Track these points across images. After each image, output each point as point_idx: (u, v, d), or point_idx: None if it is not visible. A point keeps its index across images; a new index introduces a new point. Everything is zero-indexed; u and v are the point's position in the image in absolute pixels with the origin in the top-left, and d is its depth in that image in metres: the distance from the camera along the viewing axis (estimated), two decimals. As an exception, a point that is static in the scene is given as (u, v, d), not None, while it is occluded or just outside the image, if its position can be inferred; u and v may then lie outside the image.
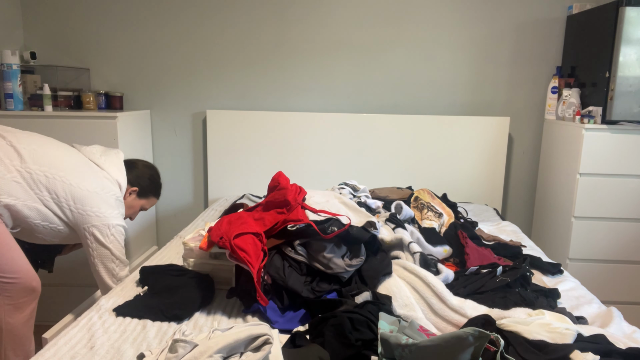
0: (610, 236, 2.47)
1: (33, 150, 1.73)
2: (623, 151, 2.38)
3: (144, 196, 2.06)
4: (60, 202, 1.74)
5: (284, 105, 2.94)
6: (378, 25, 2.84)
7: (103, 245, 1.81)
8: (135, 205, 2.04)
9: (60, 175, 1.73)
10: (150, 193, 2.08)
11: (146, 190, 2.05)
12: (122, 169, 1.93)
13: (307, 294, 1.40)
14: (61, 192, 1.73)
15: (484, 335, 0.93)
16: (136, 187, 2.00)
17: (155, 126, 2.98)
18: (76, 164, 1.81)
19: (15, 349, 1.67)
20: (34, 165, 1.70)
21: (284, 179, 1.73)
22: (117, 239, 1.85)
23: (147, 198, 2.08)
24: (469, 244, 1.71)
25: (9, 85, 2.51)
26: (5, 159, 1.67)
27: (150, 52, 2.90)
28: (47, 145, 1.79)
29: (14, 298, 1.65)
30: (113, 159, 1.94)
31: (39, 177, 1.70)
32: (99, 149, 1.96)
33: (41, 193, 1.71)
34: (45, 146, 1.77)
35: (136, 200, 2.03)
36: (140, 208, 2.08)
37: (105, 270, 1.85)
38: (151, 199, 2.10)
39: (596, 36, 2.44)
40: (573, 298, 1.55)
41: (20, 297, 1.66)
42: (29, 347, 1.72)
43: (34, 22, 2.87)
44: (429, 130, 2.83)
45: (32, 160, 1.70)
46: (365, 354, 1.11)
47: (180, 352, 1.01)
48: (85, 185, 1.78)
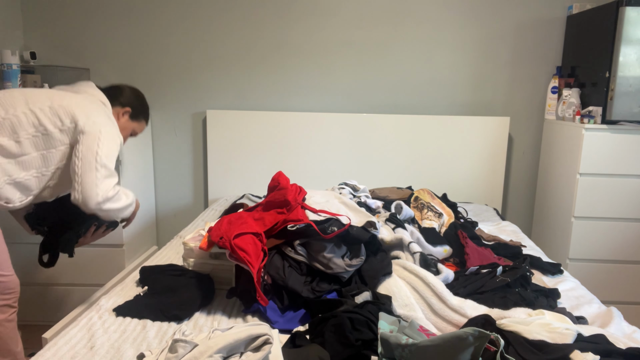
0: (610, 236, 2.47)
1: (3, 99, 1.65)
2: (623, 151, 2.38)
3: (136, 118, 1.97)
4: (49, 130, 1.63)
5: (284, 105, 2.94)
6: (378, 25, 2.84)
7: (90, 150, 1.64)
8: (127, 127, 1.95)
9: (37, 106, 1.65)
10: (141, 115, 1.99)
11: (138, 112, 1.96)
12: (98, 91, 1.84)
13: (307, 294, 1.40)
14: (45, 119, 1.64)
15: (484, 335, 0.93)
16: (128, 108, 1.92)
17: (155, 126, 2.98)
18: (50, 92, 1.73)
19: (2, 351, 1.66)
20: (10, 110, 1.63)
21: (284, 179, 1.73)
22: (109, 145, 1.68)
23: (139, 121, 1.99)
24: (469, 244, 1.71)
25: (9, 85, 2.51)
26: None
27: (150, 52, 2.90)
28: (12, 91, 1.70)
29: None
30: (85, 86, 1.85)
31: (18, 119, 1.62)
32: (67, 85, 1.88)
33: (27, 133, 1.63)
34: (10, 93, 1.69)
35: (129, 122, 1.94)
36: (132, 132, 2.00)
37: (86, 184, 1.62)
38: (142, 122, 2.01)
39: (596, 36, 2.44)
40: (573, 298, 1.55)
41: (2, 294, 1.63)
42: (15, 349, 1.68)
43: (34, 22, 2.87)
44: (429, 130, 2.83)
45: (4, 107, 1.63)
46: (365, 354, 1.11)
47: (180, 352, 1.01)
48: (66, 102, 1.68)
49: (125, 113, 1.93)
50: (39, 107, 1.66)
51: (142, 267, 1.62)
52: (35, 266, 2.57)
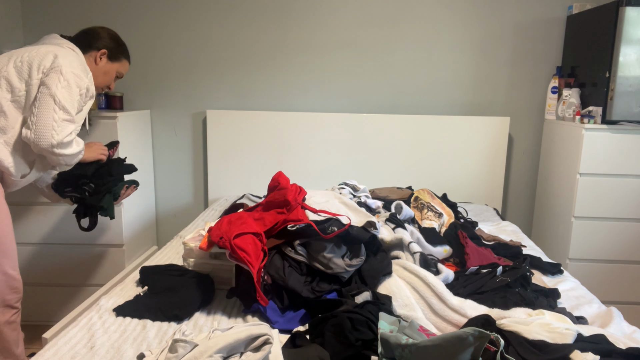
0: (610, 236, 2.47)
1: None
2: (623, 151, 2.38)
3: (115, 59, 1.93)
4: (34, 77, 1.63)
5: (284, 105, 2.94)
6: (378, 26, 2.84)
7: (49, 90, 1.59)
8: (109, 70, 1.93)
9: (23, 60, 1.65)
10: (120, 54, 1.95)
11: (114, 52, 1.93)
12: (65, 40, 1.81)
13: (307, 294, 1.40)
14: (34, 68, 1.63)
15: (484, 335, 0.93)
16: (104, 50, 1.89)
17: (155, 126, 2.98)
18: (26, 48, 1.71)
19: (3, 352, 1.66)
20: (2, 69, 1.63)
21: (284, 179, 1.73)
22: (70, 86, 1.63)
23: (119, 61, 1.96)
24: (469, 244, 1.71)
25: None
26: None
27: (150, 52, 2.90)
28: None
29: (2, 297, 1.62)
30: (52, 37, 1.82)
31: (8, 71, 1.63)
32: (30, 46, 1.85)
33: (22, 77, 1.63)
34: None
35: (109, 64, 1.92)
36: (116, 74, 1.97)
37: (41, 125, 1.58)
38: (123, 62, 1.98)
39: (596, 36, 2.44)
40: (573, 298, 1.55)
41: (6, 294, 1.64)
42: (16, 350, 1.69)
43: (34, 22, 2.87)
44: (429, 130, 2.83)
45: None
46: (365, 354, 1.11)
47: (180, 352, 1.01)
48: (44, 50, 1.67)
49: (102, 55, 1.90)
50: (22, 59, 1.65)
51: (142, 267, 1.62)
52: (35, 266, 2.57)
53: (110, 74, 1.95)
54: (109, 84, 1.98)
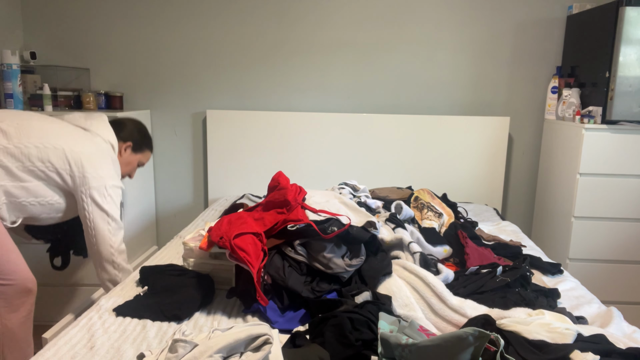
0: (610, 236, 2.47)
1: (17, 125, 1.69)
2: (623, 151, 2.38)
3: (139, 150, 2.03)
4: (57, 170, 1.71)
5: (284, 105, 2.94)
6: (378, 26, 2.84)
7: (100, 207, 1.77)
8: (132, 161, 2.02)
9: (51, 144, 1.70)
10: (144, 146, 2.05)
11: (139, 144, 2.02)
12: (109, 129, 1.90)
13: (307, 294, 1.40)
14: (55, 159, 1.70)
15: (484, 335, 0.93)
16: (130, 142, 1.98)
17: (155, 126, 2.98)
18: (63, 130, 1.78)
19: (13, 351, 1.66)
20: (22, 140, 1.67)
21: (284, 179, 1.73)
22: (114, 200, 1.81)
23: (142, 152, 2.05)
24: (469, 244, 1.71)
25: (9, 85, 2.51)
26: None
27: (150, 52, 2.90)
28: (29, 118, 1.76)
29: (9, 300, 1.64)
30: (98, 120, 1.91)
31: (29, 149, 1.67)
32: (81, 114, 1.94)
33: (34, 165, 1.67)
34: (28, 119, 1.74)
35: (132, 156, 2.01)
36: (138, 164, 2.06)
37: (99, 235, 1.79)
38: (146, 153, 2.07)
39: (596, 36, 2.44)
40: (573, 298, 1.55)
41: (15, 298, 1.65)
42: (27, 350, 1.70)
43: (34, 22, 2.87)
44: (429, 130, 2.83)
45: (18, 135, 1.67)
46: (365, 354, 1.11)
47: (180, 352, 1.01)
48: (78, 148, 1.75)
49: (127, 147, 1.99)
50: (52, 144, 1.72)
51: (142, 267, 1.62)
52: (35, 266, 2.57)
53: (133, 165, 2.04)
54: (131, 173, 2.06)
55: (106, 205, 1.78)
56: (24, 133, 1.69)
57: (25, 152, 1.67)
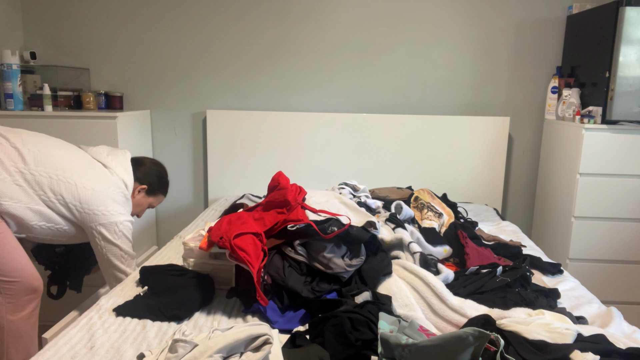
0: (610, 236, 2.47)
1: (37, 152, 1.73)
2: (623, 151, 2.38)
3: (153, 194, 2.06)
4: (66, 203, 1.74)
5: (284, 105, 2.94)
6: (378, 26, 2.84)
7: (111, 242, 1.82)
8: (143, 203, 2.05)
9: (65, 177, 1.73)
10: (159, 191, 2.08)
11: (154, 188, 2.05)
12: (128, 168, 1.93)
13: (307, 294, 1.40)
14: (66, 193, 1.73)
15: (484, 335, 0.93)
16: (145, 185, 2.00)
17: (155, 126, 2.98)
18: (81, 164, 1.80)
19: (17, 348, 1.67)
20: (38, 167, 1.70)
21: (284, 179, 1.73)
22: (125, 235, 1.86)
23: (156, 196, 2.08)
24: (469, 244, 1.71)
25: (9, 85, 2.51)
26: (8, 161, 1.67)
27: (150, 52, 2.90)
28: (52, 146, 1.78)
29: (15, 297, 1.65)
30: (120, 158, 1.94)
31: (42, 178, 1.70)
32: (105, 149, 1.97)
33: (45, 194, 1.71)
34: (50, 147, 1.77)
35: (145, 198, 2.04)
36: (149, 206, 2.08)
37: (114, 267, 1.86)
38: (159, 197, 2.10)
39: (596, 36, 2.44)
40: (573, 298, 1.55)
41: (21, 296, 1.67)
42: (32, 347, 1.72)
43: (34, 22, 2.87)
44: (429, 130, 2.83)
45: (35, 162, 1.70)
46: (365, 354, 1.11)
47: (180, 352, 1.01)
48: (91, 185, 1.78)
49: (142, 190, 2.01)
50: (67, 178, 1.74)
51: (142, 267, 1.62)
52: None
53: (143, 206, 2.06)
54: (139, 213, 2.08)
55: (117, 241, 1.83)
56: (42, 161, 1.72)
57: (38, 181, 1.69)
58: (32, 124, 2.48)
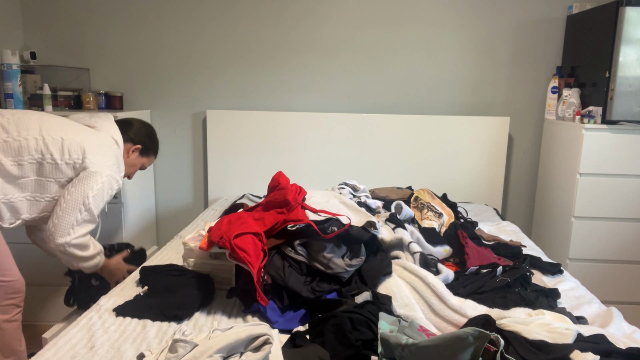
0: (610, 236, 2.47)
1: (17, 119, 1.68)
2: (623, 151, 2.38)
3: (146, 154, 2.03)
4: (55, 161, 1.67)
5: (284, 105, 2.94)
6: (378, 25, 2.84)
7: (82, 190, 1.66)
8: (136, 164, 2.01)
9: (50, 135, 1.68)
10: (151, 150, 2.05)
11: (148, 148, 2.02)
12: (115, 126, 1.89)
13: (307, 294, 1.40)
14: (54, 149, 1.67)
15: (484, 335, 0.93)
16: (139, 145, 1.97)
17: (155, 126, 2.98)
18: (65, 122, 1.76)
19: (4, 350, 1.66)
20: (22, 132, 1.65)
21: (284, 179, 1.73)
22: (103, 191, 1.70)
23: (148, 156, 2.05)
24: (469, 244, 1.71)
25: (9, 85, 2.51)
26: None
27: (150, 52, 2.90)
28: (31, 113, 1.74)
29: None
30: (104, 119, 1.89)
31: (28, 142, 1.65)
32: (86, 114, 1.93)
33: (33, 157, 1.65)
34: (29, 114, 1.73)
35: (138, 159, 2.00)
36: (141, 167, 2.05)
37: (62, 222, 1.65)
38: (151, 157, 2.07)
39: (596, 36, 2.44)
40: (573, 298, 1.55)
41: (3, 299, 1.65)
42: (18, 348, 1.70)
43: (34, 22, 2.87)
44: (429, 130, 2.83)
45: (17, 128, 1.66)
46: (365, 354, 1.11)
47: (180, 352, 1.01)
48: (79, 138, 1.72)
49: (136, 150, 1.98)
50: (52, 135, 1.69)
51: (142, 267, 1.62)
52: (36, 266, 2.57)
53: (136, 167, 2.02)
54: (130, 174, 2.03)
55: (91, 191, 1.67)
56: (23, 126, 1.67)
57: (24, 145, 1.65)
58: (32, 124, 2.48)
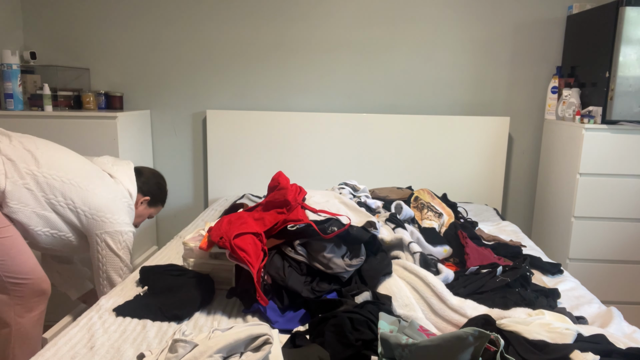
0: (610, 236, 2.47)
1: (50, 156, 1.75)
2: (623, 151, 2.38)
3: (154, 205, 2.11)
4: (75, 208, 1.75)
5: (284, 105, 2.94)
6: (378, 25, 2.84)
7: (114, 252, 1.84)
8: (144, 214, 2.09)
9: (76, 182, 1.75)
10: (159, 201, 2.14)
11: (156, 199, 2.11)
12: (132, 178, 1.97)
13: (307, 294, 1.40)
14: (76, 198, 1.75)
15: (484, 335, 0.93)
16: (148, 197, 2.05)
17: (155, 126, 2.98)
18: (91, 171, 1.83)
19: (23, 349, 1.69)
20: (51, 170, 1.71)
21: (284, 179, 1.73)
22: (128, 246, 1.88)
23: (156, 206, 2.13)
24: (469, 244, 1.71)
25: (9, 85, 2.51)
26: (21, 163, 1.68)
27: (150, 52, 2.90)
28: (63, 152, 1.82)
29: (25, 299, 1.67)
30: (125, 168, 1.98)
31: (54, 182, 1.71)
32: (110, 159, 2.01)
33: (56, 198, 1.72)
34: (61, 153, 1.80)
35: (146, 209, 2.08)
36: (148, 216, 2.13)
37: (109, 278, 1.87)
38: (158, 207, 2.16)
39: (596, 36, 2.44)
40: (573, 298, 1.55)
41: (30, 297, 1.69)
42: (37, 348, 1.73)
43: (34, 22, 2.87)
44: (429, 130, 2.83)
45: (48, 165, 1.72)
46: (365, 354, 1.11)
47: (180, 352, 1.01)
48: (100, 192, 1.80)
49: (145, 201, 2.05)
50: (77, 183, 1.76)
51: (142, 267, 1.62)
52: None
53: (144, 217, 2.10)
54: (139, 224, 2.09)
55: (120, 252, 1.84)
56: (55, 165, 1.73)
57: (50, 183, 1.70)
58: (32, 124, 2.48)
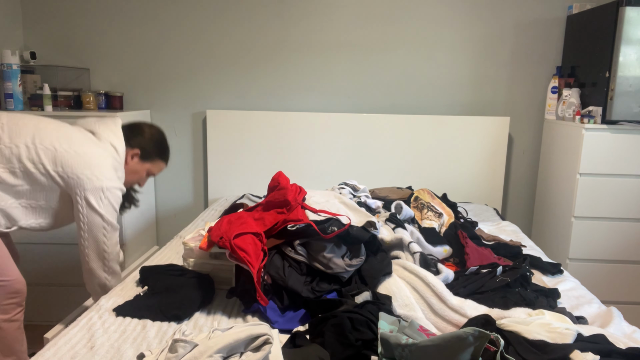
0: (610, 236, 2.47)
1: (12, 126, 1.64)
2: (623, 151, 2.38)
3: (148, 159, 1.91)
4: (47, 172, 1.64)
5: (284, 105, 2.94)
6: (378, 25, 2.84)
7: (94, 210, 1.70)
8: (139, 170, 1.90)
9: (43, 144, 1.64)
10: (155, 155, 1.93)
11: (149, 153, 1.90)
12: (118, 132, 1.81)
13: (307, 294, 1.40)
14: (45, 159, 1.63)
15: (484, 335, 0.93)
16: (137, 149, 1.87)
17: (155, 126, 2.98)
18: (62, 130, 1.71)
19: (3, 350, 1.66)
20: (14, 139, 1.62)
21: (284, 179, 1.73)
22: (111, 203, 1.73)
23: (152, 161, 1.93)
24: (469, 244, 1.71)
25: (9, 85, 2.51)
26: None
27: (150, 52, 2.90)
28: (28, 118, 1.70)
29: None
30: (109, 124, 1.83)
31: (19, 150, 1.61)
32: (94, 118, 1.86)
33: (24, 166, 1.62)
34: (24, 119, 1.69)
35: (140, 164, 1.89)
36: (147, 173, 1.94)
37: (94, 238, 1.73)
38: (157, 163, 1.95)
39: (596, 36, 2.44)
40: (573, 298, 1.55)
41: (4, 300, 1.64)
42: (19, 348, 1.70)
43: (34, 22, 2.87)
44: (429, 130, 2.83)
45: (10, 134, 1.62)
46: (365, 354, 1.11)
47: (180, 352, 1.01)
48: (74, 148, 1.68)
49: (135, 155, 1.88)
50: (45, 144, 1.65)
51: (142, 267, 1.62)
52: (36, 266, 2.57)
53: (140, 174, 1.92)
54: (139, 181, 1.95)
55: (102, 209, 1.71)
56: (15, 132, 1.64)
57: (15, 153, 1.61)
58: (32, 124, 2.48)
